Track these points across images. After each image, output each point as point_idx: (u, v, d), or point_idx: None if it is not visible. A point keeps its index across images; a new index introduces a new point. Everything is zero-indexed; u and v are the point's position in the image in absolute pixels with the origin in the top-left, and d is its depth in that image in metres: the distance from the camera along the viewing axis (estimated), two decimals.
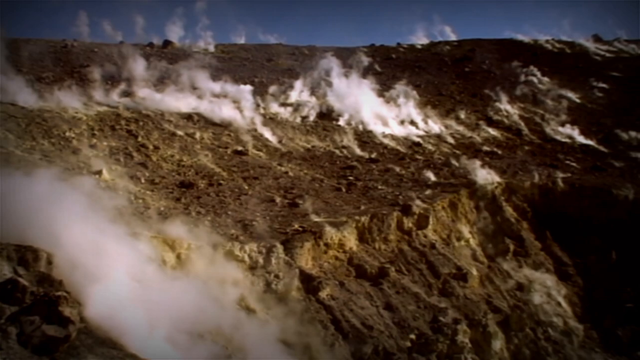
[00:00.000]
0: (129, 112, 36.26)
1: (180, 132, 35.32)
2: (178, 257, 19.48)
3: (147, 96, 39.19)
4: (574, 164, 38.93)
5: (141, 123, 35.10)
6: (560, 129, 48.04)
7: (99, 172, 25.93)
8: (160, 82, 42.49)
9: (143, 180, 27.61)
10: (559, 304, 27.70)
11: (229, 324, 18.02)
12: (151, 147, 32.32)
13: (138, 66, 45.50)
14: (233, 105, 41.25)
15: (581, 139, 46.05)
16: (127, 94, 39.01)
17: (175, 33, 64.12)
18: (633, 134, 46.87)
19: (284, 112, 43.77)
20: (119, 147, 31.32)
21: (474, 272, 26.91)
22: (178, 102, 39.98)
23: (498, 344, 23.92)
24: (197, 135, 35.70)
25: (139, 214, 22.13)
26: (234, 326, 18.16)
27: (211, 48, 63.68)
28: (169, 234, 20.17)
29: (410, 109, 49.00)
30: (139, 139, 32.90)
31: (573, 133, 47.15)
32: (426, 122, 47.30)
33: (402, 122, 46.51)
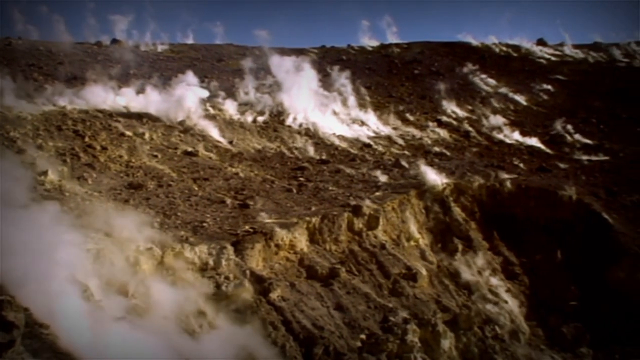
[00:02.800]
0: (76, 112, 35.61)
1: (128, 133, 34.76)
2: (126, 259, 19.16)
3: (94, 95, 38.52)
4: (520, 165, 39.65)
5: (88, 123, 34.46)
6: (507, 130, 48.98)
7: (45, 173, 25.37)
8: (107, 81, 41.72)
9: (90, 182, 27.08)
10: (506, 302, 28.09)
11: None
12: (99, 147, 31.71)
13: (85, 65, 44.78)
14: (182, 105, 40.79)
15: (527, 141, 47.03)
16: (73, 93, 38.21)
17: (123, 32, 63.43)
18: (577, 136, 48.20)
19: (235, 113, 43.52)
20: (66, 147, 30.67)
21: (424, 272, 27.08)
22: (126, 101, 39.44)
23: (447, 342, 24.09)
24: (147, 135, 35.19)
25: (86, 215, 21.70)
26: None
27: (160, 47, 63.07)
28: (117, 236, 19.84)
29: (360, 110, 49.34)
30: (86, 139, 32.25)
31: (519, 135, 48.14)
32: (376, 124, 47.66)
33: (352, 123, 46.78)
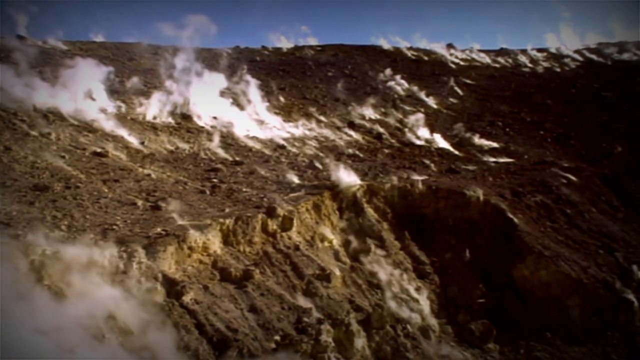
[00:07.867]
0: None
1: (34, 132, 33.49)
2: (32, 263, 18.47)
3: None
4: (431, 167, 40.61)
5: None
6: (418, 133, 50.09)
7: None
8: (10, 78, 39.96)
9: None
10: (417, 301, 28.65)
11: None
12: (1, 147, 30.38)
13: None
14: (92, 105, 39.67)
15: (437, 143, 48.24)
16: None
17: (25, 29, 61.47)
18: (483, 139, 49.84)
19: (146, 113, 42.68)
20: None
21: (337, 272, 27.32)
22: (30, 99, 37.95)
23: (360, 342, 24.32)
24: (53, 135, 33.98)
25: None
26: None
27: (67, 45, 61.22)
28: (21, 240, 19.11)
29: (274, 111, 49.38)
30: None
31: (430, 137, 49.33)
32: (290, 125, 47.78)
33: (266, 125, 46.73)
